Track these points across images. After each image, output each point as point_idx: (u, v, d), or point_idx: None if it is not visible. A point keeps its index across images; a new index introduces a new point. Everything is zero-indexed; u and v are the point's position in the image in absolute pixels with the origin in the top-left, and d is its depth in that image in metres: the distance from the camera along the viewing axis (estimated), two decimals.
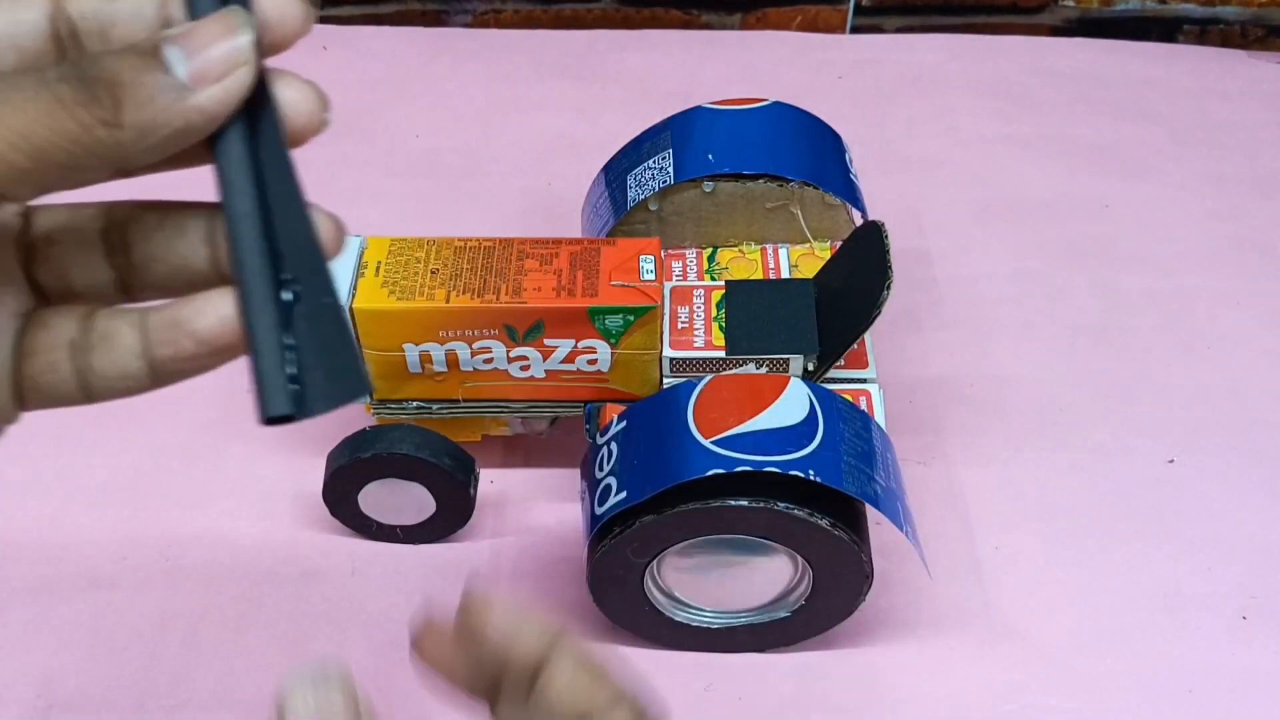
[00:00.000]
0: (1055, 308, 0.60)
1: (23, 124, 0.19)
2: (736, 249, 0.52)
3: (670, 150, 0.51)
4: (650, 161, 0.51)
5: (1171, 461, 0.53)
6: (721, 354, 0.45)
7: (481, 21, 0.82)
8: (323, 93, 0.22)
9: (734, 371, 0.45)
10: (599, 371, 0.46)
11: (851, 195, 0.50)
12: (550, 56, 0.79)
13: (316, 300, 0.20)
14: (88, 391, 0.23)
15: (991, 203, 0.67)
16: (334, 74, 0.77)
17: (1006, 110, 0.74)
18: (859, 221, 0.50)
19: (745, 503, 0.39)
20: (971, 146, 0.71)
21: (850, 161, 0.53)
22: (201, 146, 0.21)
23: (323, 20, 0.83)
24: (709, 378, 0.42)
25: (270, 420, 0.19)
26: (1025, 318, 0.60)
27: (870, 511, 0.42)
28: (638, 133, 0.54)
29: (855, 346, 0.45)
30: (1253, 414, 0.55)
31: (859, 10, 0.81)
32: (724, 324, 0.47)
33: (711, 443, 0.39)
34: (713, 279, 0.50)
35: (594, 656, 0.23)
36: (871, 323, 0.43)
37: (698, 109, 0.53)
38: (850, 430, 0.40)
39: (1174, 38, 0.82)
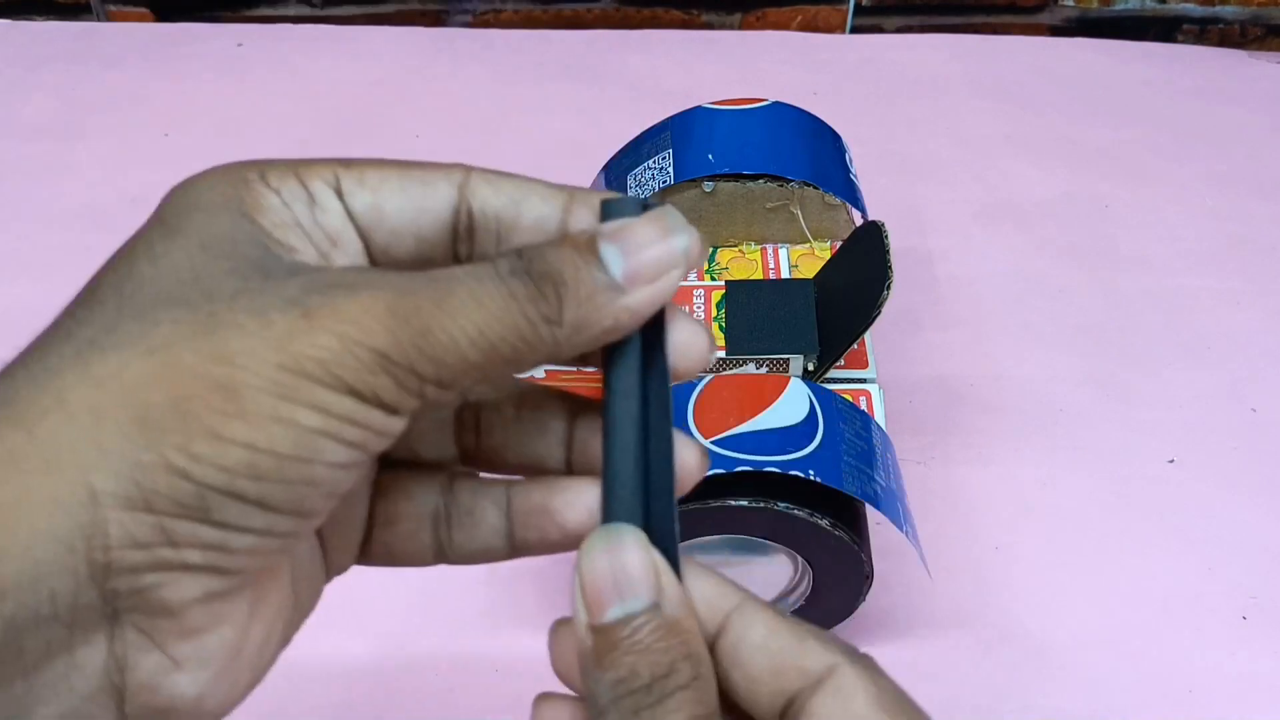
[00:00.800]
0: (1055, 308, 0.60)
1: (483, 319, 0.19)
2: (737, 249, 0.52)
3: (670, 150, 0.51)
4: (650, 161, 0.51)
5: (1172, 461, 0.53)
6: (721, 354, 0.45)
7: (482, 21, 0.83)
8: (712, 337, 0.22)
9: (734, 371, 0.45)
10: (599, 371, 0.46)
11: (851, 195, 0.50)
12: (551, 57, 0.79)
13: (661, 501, 0.21)
14: (440, 556, 0.23)
15: (992, 203, 0.67)
16: (335, 75, 0.77)
17: (1007, 110, 0.74)
18: (859, 222, 0.50)
19: (745, 503, 0.39)
20: (972, 147, 0.71)
21: (850, 161, 0.53)
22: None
23: (323, 20, 0.83)
24: (709, 378, 0.42)
25: None
26: (1025, 318, 0.60)
27: (870, 511, 0.42)
28: (638, 133, 0.54)
29: (855, 346, 0.45)
30: (1253, 414, 0.55)
31: (859, 10, 0.81)
32: (724, 324, 0.47)
33: (711, 443, 0.39)
34: (713, 279, 0.50)
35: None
36: (871, 323, 0.43)
37: (698, 109, 0.53)
38: (850, 430, 0.40)
39: (1173, 37, 0.82)
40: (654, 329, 0.21)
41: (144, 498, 0.17)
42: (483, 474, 0.24)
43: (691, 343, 0.21)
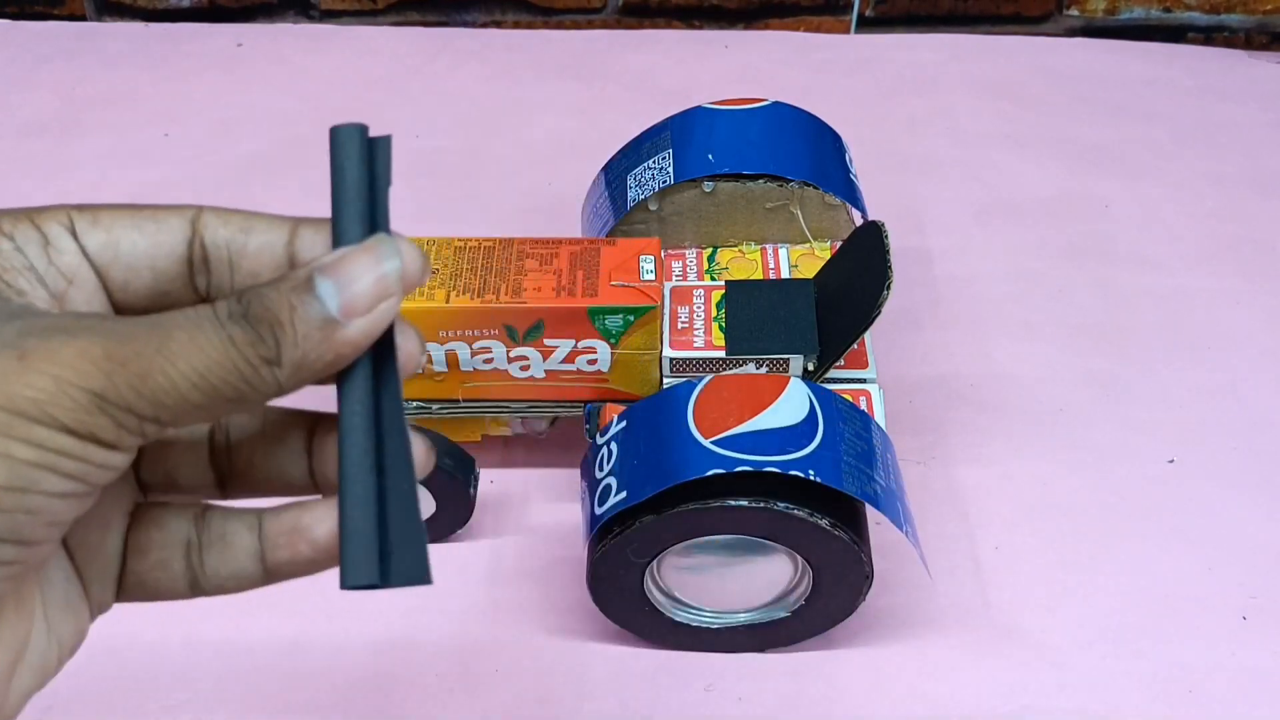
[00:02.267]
0: (1055, 307, 0.60)
1: (203, 364, 0.20)
2: (736, 249, 0.52)
3: (670, 150, 0.51)
4: (650, 161, 0.51)
5: (1172, 461, 0.53)
6: (721, 354, 0.45)
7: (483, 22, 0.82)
8: (422, 337, 0.23)
9: (734, 371, 0.45)
10: (599, 371, 0.46)
11: (851, 195, 0.50)
12: (550, 56, 0.79)
13: (400, 502, 0.22)
14: (194, 588, 0.23)
15: (991, 202, 0.67)
16: (334, 73, 0.77)
17: (1007, 110, 0.74)
18: (859, 221, 0.50)
19: (745, 503, 0.39)
20: (971, 146, 0.71)
21: (850, 161, 0.53)
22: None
23: (322, 19, 0.83)
24: (709, 378, 0.42)
25: (352, 587, 0.21)
26: (1025, 317, 0.60)
27: (870, 511, 0.42)
28: (637, 132, 0.54)
29: (855, 346, 0.45)
30: (1253, 413, 0.55)
31: (862, 21, 0.81)
32: (724, 324, 0.47)
33: (711, 443, 0.39)
34: (713, 279, 0.50)
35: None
36: (871, 323, 0.43)
37: (698, 109, 0.53)
38: (850, 430, 0.40)
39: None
40: (383, 339, 0.22)
41: None
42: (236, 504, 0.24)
43: (406, 342, 0.22)
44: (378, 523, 0.21)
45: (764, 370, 0.45)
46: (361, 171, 0.22)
